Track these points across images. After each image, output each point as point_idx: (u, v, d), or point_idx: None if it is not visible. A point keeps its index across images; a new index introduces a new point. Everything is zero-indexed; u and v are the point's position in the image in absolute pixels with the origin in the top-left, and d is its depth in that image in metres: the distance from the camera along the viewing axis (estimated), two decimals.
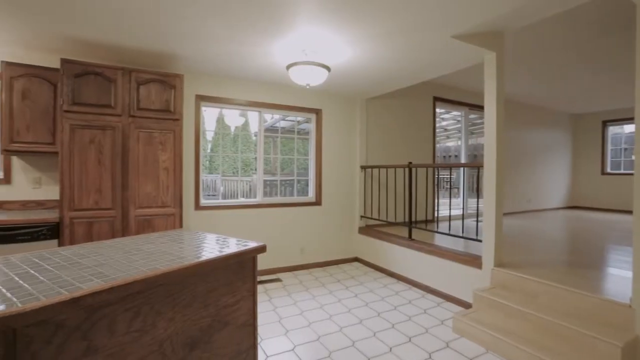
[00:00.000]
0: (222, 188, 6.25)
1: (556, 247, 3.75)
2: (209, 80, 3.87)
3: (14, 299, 0.95)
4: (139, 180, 2.98)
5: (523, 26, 2.66)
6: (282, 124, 4.87)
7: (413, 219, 3.98)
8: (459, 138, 5.97)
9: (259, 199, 4.24)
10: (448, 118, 6.06)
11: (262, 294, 3.50)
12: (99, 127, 2.84)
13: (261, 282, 3.87)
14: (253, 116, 4.42)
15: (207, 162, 4.84)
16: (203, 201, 3.91)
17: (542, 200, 7.22)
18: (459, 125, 5.94)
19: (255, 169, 4.31)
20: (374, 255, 4.46)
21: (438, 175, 4.56)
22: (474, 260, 3.05)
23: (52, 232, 2.70)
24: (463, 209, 3.44)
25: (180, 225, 3.14)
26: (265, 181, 4.37)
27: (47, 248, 2.64)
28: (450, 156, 6.50)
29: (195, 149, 3.81)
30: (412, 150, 5.20)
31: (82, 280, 1.12)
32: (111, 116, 2.88)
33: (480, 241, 3.02)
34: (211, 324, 1.52)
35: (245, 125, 5.02)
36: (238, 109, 4.19)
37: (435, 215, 4.97)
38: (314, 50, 3.03)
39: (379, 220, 4.57)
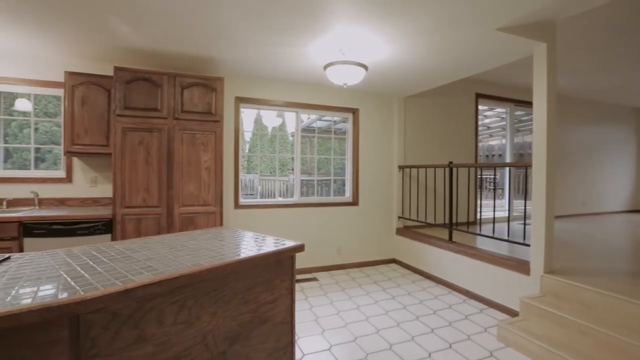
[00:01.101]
0: (259, 187, 6.41)
1: (616, 254, 3.42)
2: (247, 82, 3.98)
3: (77, 288, 1.03)
4: (183, 179, 3.12)
5: (578, 13, 2.46)
6: (319, 124, 4.89)
7: (454, 221, 3.82)
8: (504, 136, 5.65)
9: (296, 198, 4.29)
10: (491, 115, 5.76)
11: (299, 292, 3.54)
12: (147, 129, 3.01)
13: (298, 280, 3.91)
14: (290, 117, 4.48)
15: (245, 162, 4.97)
16: (242, 200, 4.02)
17: (599, 202, 6.63)
18: (504, 123, 5.62)
19: (292, 169, 4.36)
20: (412, 257, 4.35)
21: (481, 175, 4.34)
22: (521, 266, 2.87)
23: (106, 227, 2.91)
24: (509, 211, 3.24)
25: (221, 223, 3.25)
26: (302, 181, 4.41)
27: (102, 242, 2.85)
28: (493, 155, 6.17)
29: (235, 149, 3.93)
30: (453, 150, 5.01)
31: (134, 273, 1.19)
32: (158, 119, 3.05)
33: (528, 245, 2.83)
34: (251, 320, 1.55)
35: (282, 125, 5.10)
36: (275, 109, 4.27)
37: (478, 217, 4.74)
38: (351, 49, 3.00)
39: (417, 221, 4.44)
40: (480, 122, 5.31)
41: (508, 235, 3.17)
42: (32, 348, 0.90)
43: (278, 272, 1.69)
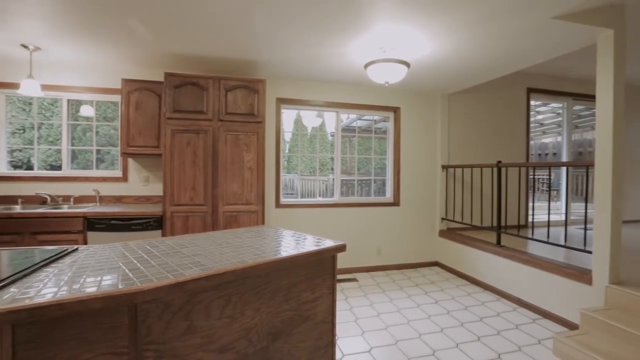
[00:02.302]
0: (299, 187, 6.50)
1: None
2: (288, 83, 4.05)
3: (134, 279, 1.10)
4: (227, 179, 3.24)
5: None
6: (359, 123, 4.85)
7: (502, 224, 3.60)
8: (559, 133, 5.23)
9: (336, 198, 4.29)
10: (545, 111, 5.35)
11: (338, 292, 3.53)
12: (194, 131, 3.16)
13: (337, 280, 3.89)
14: (329, 116, 4.49)
15: (286, 162, 5.06)
16: (283, 199, 4.09)
17: None
18: (560, 119, 5.19)
19: (332, 169, 4.36)
20: (456, 260, 4.17)
21: (533, 175, 4.05)
22: (582, 275, 2.63)
23: (157, 223, 3.10)
24: (566, 214, 2.99)
25: (263, 222, 3.33)
26: (342, 181, 4.40)
27: (153, 237, 3.04)
28: (547, 154, 5.73)
29: (276, 149, 4.01)
30: (502, 148, 4.72)
31: (184, 268, 1.25)
32: (203, 121, 3.19)
33: (589, 253, 2.59)
34: (292, 317, 1.57)
35: (322, 125, 5.12)
36: (316, 109, 4.30)
37: (529, 220, 4.44)
38: (392, 47, 2.94)
39: (462, 223, 4.25)
40: (532, 119, 4.96)
41: (565, 241, 2.92)
42: (99, 331, 0.99)
43: (319, 271, 1.69)
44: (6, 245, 2.71)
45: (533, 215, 3.33)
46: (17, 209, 3.12)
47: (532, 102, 4.94)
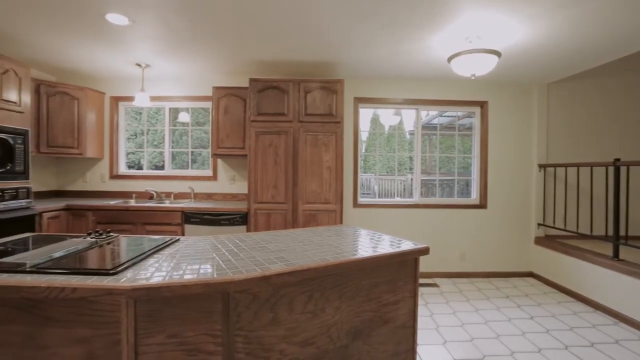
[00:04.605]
0: (376, 187, 6.41)
1: None
2: (366, 82, 4.01)
3: (227, 270, 1.18)
4: (306, 178, 3.33)
5: None
6: (440, 120, 4.57)
7: (621, 234, 3.03)
8: None
9: (415, 198, 4.10)
10: None
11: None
12: (275, 132, 3.32)
13: None
14: (407, 114, 4.32)
15: (362, 161, 5.03)
16: (360, 199, 4.06)
17: None
18: None
19: (409, 168, 4.19)
20: (557, 272, 3.64)
21: None
22: None
23: (242, 219, 3.34)
24: None
25: (341, 221, 3.34)
26: (421, 181, 4.20)
27: (239, 232, 3.28)
28: None
29: (354, 149, 4.00)
30: (619, 144, 4.00)
31: (269, 262, 1.30)
32: (284, 122, 3.33)
33: None
34: (372, 318, 1.53)
35: (400, 123, 4.96)
36: (394, 107, 4.17)
37: None
38: (479, 36, 2.69)
39: (564, 230, 3.69)
40: None
41: None
42: (198, 313, 1.10)
43: (401, 273, 1.62)
44: (124, 233, 3.20)
45: None
46: (132, 202, 3.66)
47: None
